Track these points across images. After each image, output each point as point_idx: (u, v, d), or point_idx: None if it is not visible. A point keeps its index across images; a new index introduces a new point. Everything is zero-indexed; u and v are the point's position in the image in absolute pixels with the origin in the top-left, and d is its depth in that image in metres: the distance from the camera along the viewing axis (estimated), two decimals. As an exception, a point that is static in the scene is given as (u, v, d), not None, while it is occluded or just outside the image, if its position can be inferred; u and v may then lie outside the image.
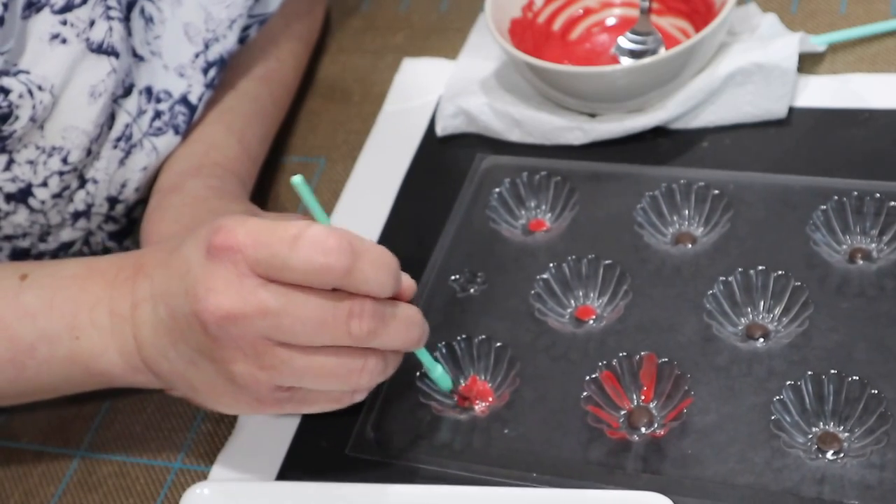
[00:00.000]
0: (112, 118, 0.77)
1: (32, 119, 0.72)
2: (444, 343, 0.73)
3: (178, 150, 0.82)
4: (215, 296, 0.58)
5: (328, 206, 0.87)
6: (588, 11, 0.91)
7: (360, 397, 0.65)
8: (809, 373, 0.66)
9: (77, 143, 0.74)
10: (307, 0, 0.95)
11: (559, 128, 0.85)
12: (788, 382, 0.66)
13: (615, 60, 0.86)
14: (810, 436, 0.65)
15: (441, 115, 0.88)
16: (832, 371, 0.66)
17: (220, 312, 0.58)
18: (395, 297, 0.62)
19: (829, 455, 0.63)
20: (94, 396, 0.79)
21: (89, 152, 0.75)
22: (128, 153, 0.78)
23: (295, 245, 0.56)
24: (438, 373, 0.69)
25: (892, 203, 0.74)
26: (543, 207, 0.82)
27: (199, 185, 0.78)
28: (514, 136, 0.87)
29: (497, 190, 0.83)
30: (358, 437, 0.70)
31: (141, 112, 0.78)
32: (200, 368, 0.62)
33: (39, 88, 0.72)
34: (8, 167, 0.73)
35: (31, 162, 0.74)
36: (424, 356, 0.67)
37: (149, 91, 0.79)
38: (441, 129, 0.88)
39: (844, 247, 0.74)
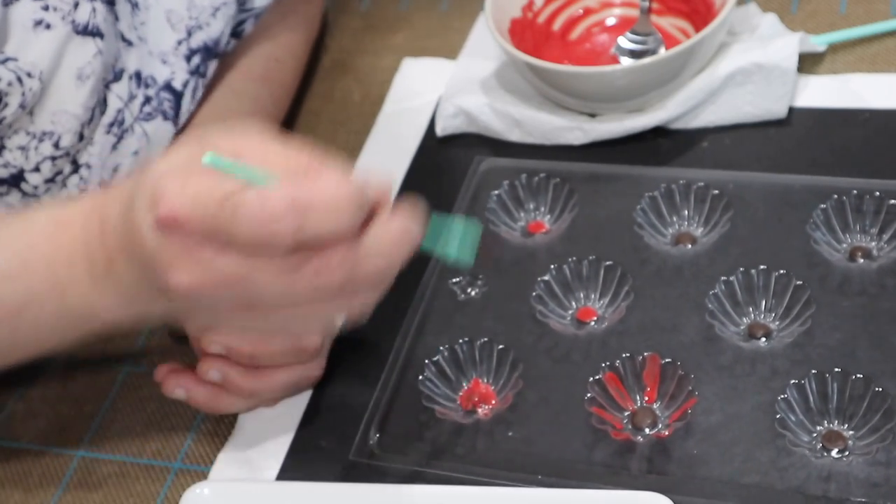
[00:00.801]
0: (104, 103, 0.76)
1: (22, 106, 0.71)
2: (446, 346, 0.73)
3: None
4: (174, 272, 0.55)
5: (328, 207, 0.87)
6: (588, 11, 0.91)
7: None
8: (813, 371, 0.66)
9: (68, 128, 0.74)
10: None
11: (559, 128, 0.85)
12: (792, 381, 0.66)
13: (615, 60, 0.86)
14: (815, 434, 0.65)
15: (441, 115, 0.88)
16: (836, 369, 0.66)
17: (182, 287, 0.55)
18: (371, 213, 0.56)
19: (835, 453, 0.63)
20: (94, 396, 0.79)
21: (81, 137, 0.75)
22: (120, 138, 0.78)
23: (234, 218, 0.52)
24: (454, 250, 0.59)
25: (892, 201, 0.74)
26: (543, 209, 0.82)
27: None
28: (514, 136, 0.87)
29: (496, 192, 0.83)
30: (361, 442, 0.70)
31: (132, 97, 0.78)
32: (187, 317, 0.65)
33: (28, 75, 0.71)
34: None
35: (22, 148, 0.73)
36: (429, 245, 0.59)
37: (138, 76, 0.79)
38: (441, 129, 0.88)
39: (845, 245, 0.74)
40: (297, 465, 0.71)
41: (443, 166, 0.87)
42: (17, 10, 0.71)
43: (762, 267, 0.72)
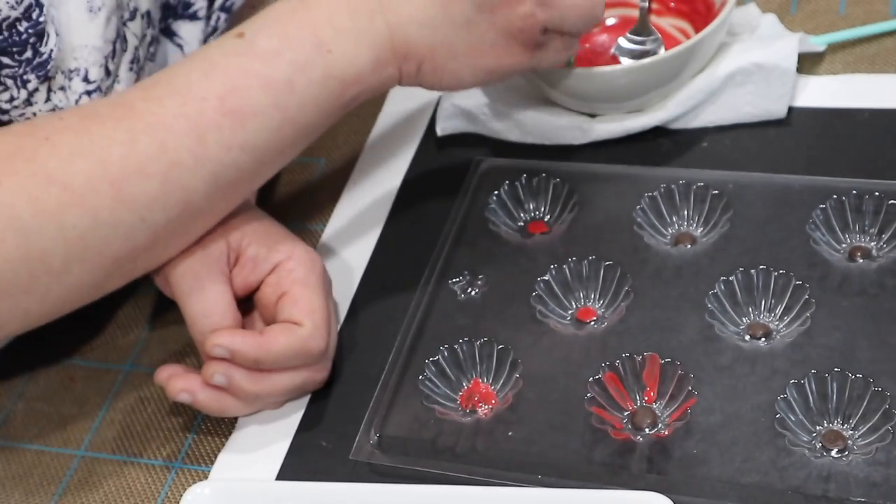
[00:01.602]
0: (125, 40, 0.76)
1: (57, 34, 0.70)
2: (446, 346, 0.73)
3: None
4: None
5: (328, 207, 0.87)
6: (588, 12, 0.91)
7: None
8: (813, 371, 0.66)
9: (92, 61, 0.73)
10: None
11: (559, 128, 0.85)
12: (792, 381, 0.66)
13: (615, 60, 0.86)
14: (815, 434, 0.65)
15: (441, 115, 0.88)
16: (835, 369, 0.66)
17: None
18: None
19: (834, 453, 0.63)
20: (94, 396, 0.79)
21: (108, 71, 0.75)
22: (138, 75, 0.78)
23: None
24: None
25: (892, 201, 0.74)
26: (543, 209, 0.82)
27: None
28: (514, 136, 0.87)
29: (496, 193, 0.83)
30: (361, 442, 0.70)
31: (143, 36, 0.78)
32: (473, 27, 0.70)
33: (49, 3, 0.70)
34: (48, 97, 0.72)
35: (62, 88, 0.73)
36: None
37: (148, 15, 0.78)
38: (441, 129, 0.88)
39: (844, 245, 0.74)
40: (297, 465, 0.71)
41: (443, 166, 0.87)
42: None
43: (762, 267, 0.72)
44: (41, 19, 0.69)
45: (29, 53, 0.69)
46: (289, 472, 0.71)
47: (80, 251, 0.67)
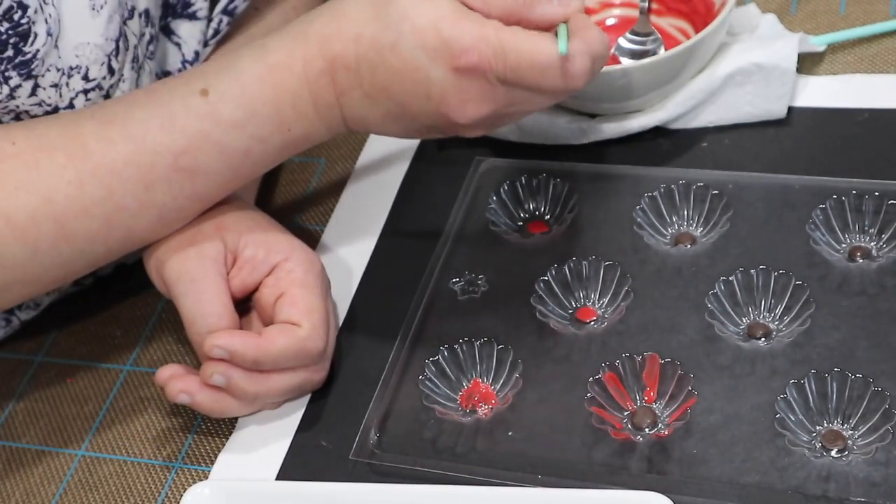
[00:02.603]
0: (126, 39, 0.76)
1: (49, 34, 0.70)
2: (446, 346, 0.73)
3: None
4: (472, 105, 0.68)
5: (328, 207, 0.87)
6: (588, 12, 0.90)
7: None
8: (812, 371, 0.66)
9: (93, 59, 0.73)
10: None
11: (559, 128, 0.85)
12: (792, 381, 0.66)
13: (615, 60, 0.86)
14: (815, 434, 0.65)
15: (441, 115, 0.88)
16: (835, 369, 0.66)
17: (479, 116, 0.68)
18: None
19: (834, 453, 0.63)
20: (94, 396, 0.79)
21: (111, 70, 0.75)
22: (138, 74, 0.78)
23: (531, 68, 0.66)
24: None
25: (892, 201, 0.74)
26: (543, 209, 0.82)
27: None
28: (514, 136, 0.87)
29: (496, 193, 0.83)
30: (361, 442, 0.70)
31: (141, 35, 0.78)
32: (426, 133, 0.72)
33: (45, 1, 0.70)
34: (33, 92, 0.72)
35: (55, 85, 0.72)
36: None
37: (147, 14, 0.78)
38: (441, 130, 0.88)
39: (844, 245, 0.74)
40: (297, 465, 0.71)
41: (443, 166, 0.87)
42: None
43: (762, 267, 0.72)
44: (23, 21, 0.69)
45: (10, 52, 0.69)
46: (289, 472, 0.71)
47: (20, 276, 0.70)
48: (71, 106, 0.74)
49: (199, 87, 0.70)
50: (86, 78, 0.73)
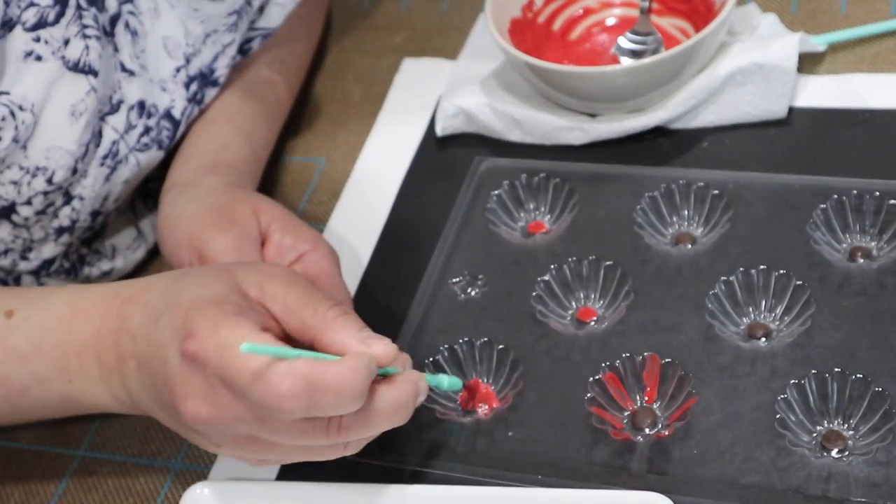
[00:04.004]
0: (100, 136, 0.76)
1: (15, 140, 0.71)
2: (446, 346, 0.73)
3: (190, 150, 0.82)
4: (193, 401, 0.59)
5: (328, 207, 0.87)
6: (588, 11, 0.91)
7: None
8: (813, 371, 0.66)
9: (62, 164, 0.73)
10: (309, 1, 0.95)
11: (559, 128, 0.85)
12: (792, 381, 0.66)
13: (615, 60, 0.86)
14: (815, 434, 0.65)
15: (441, 115, 0.88)
16: (835, 369, 0.66)
17: (199, 417, 0.59)
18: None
19: (834, 453, 0.63)
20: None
21: (75, 171, 0.74)
22: (113, 169, 0.77)
23: (253, 383, 0.56)
24: (445, 385, 0.67)
25: (892, 201, 0.74)
26: (543, 209, 0.82)
27: (215, 181, 0.78)
28: (514, 136, 0.87)
29: (496, 193, 0.83)
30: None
31: (130, 127, 0.78)
32: (182, 432, 0.64)
33: (20, 108, 0.70)
34: None
35: (14, 182, 0.73)
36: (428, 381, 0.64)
37: (141, 105, 0.78)
38: (441, 129, 0.88)
39: (845, 245, 0.74)
40: (297, 465, 0.70)
41: (443, 166, 0.87)
42: (11, 42, 0.70)
43: (762, 267, 0.72)
44: None
45: None
46: (289, 472, 0.71)
47: None
48: (28, 203, 0.74)
49: (8, 308, 0.68)
50: (49, 181, 0.74)
